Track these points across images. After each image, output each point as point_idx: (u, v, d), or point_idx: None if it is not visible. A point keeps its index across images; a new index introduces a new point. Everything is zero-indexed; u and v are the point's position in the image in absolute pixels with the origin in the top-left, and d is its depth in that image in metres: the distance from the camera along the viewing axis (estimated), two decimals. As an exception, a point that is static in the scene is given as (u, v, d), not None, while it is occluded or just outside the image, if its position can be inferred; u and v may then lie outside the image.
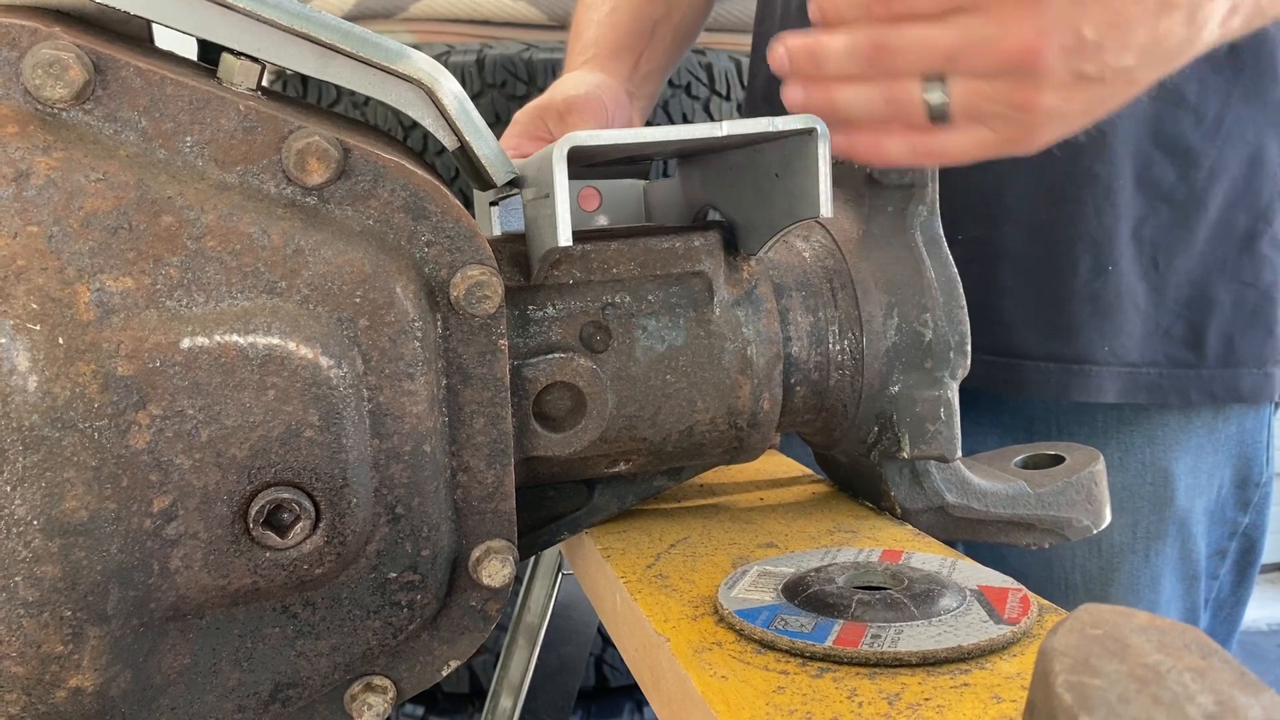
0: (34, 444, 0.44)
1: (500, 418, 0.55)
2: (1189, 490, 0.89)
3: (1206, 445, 0.88)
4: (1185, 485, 0.88)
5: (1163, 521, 0.88)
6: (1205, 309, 0.86)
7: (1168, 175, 0.84)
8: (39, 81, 0.46)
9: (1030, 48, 0.52)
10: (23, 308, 0.44)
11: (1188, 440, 0.88)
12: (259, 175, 0.50)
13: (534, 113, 0.88)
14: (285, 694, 0.54)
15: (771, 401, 0.64)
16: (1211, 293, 0.86)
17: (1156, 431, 0.87)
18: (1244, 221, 0.86)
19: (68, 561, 0.45)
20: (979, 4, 0.53)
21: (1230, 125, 0.84)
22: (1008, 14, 0.52)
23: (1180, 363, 0.86)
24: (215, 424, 0.47)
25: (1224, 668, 0.31)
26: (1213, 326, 0.86)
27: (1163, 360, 0.86)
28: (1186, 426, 0.88)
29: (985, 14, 0.53)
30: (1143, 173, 0.84)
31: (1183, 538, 0.89)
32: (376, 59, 0.53)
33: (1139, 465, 0.88)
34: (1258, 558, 0.94)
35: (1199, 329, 0.86)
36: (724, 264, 0.63)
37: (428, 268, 0.52)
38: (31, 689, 0.46)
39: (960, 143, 0.56)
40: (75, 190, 0.46)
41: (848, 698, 0.44)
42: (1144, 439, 0.88)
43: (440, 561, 0.54)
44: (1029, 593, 0.52)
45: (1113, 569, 0.89)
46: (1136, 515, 0.88)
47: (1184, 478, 0.88)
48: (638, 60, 0.98)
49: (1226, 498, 0.91)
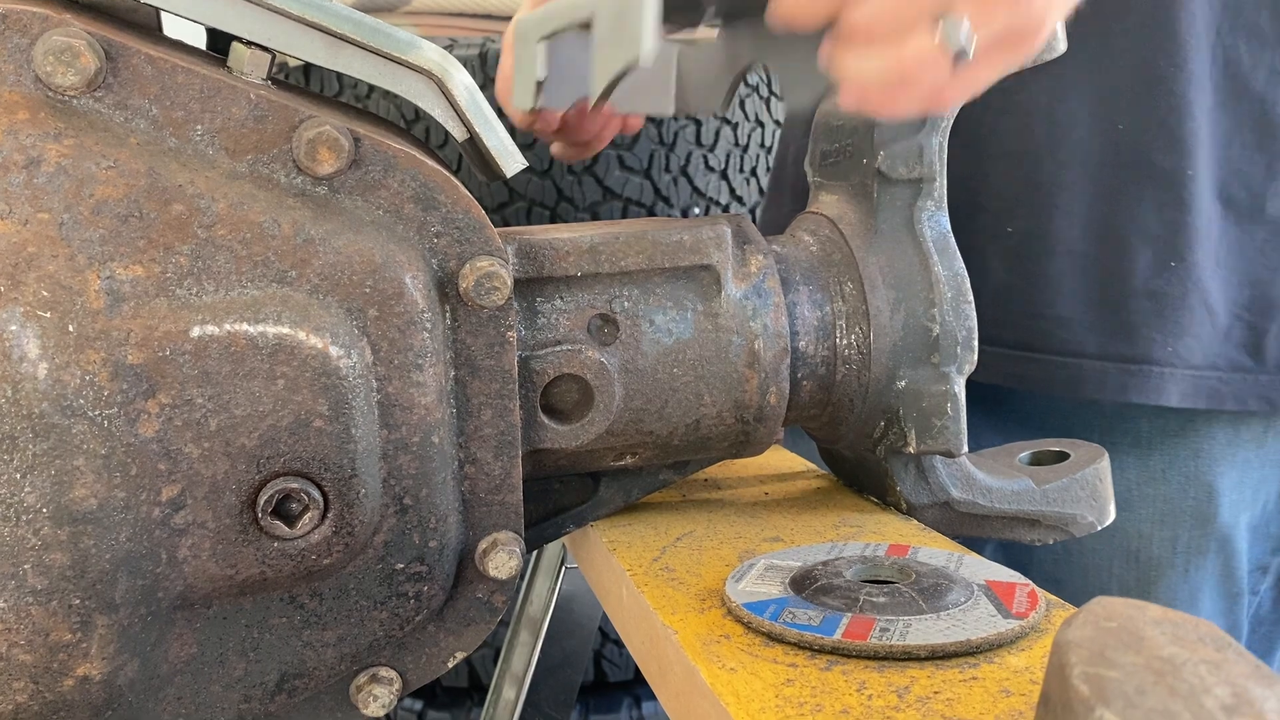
0: (44, 432, 0.44)
1: (508, 410, 0.55)
2: (1233, 505, 0.86)
3: (1254, 460, 0.85)
4: (1230, 501, 0.85)
5: (1205, 537, 0.86)
6: (1265, 311, 0.82)
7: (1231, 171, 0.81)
8: (50, 68, 0.46)
9: None
10: (33, 295, 0.44)
11: (1234, 454, 0.85)
12: (269, 164, 0.49)
13: None
14: (291, 684, 0.54)
15: (778, 395, 0.64)
16: (1272, 294, 0.82)
17: (1203, 445, 0.84)
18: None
19: (76, 549, 0.45)
20: None
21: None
22: None
23: (1238, 367, 0.83)
24: (224, 413, 0.47)
25: (1239, 660, 0.31)
26: (1273, 330, 0.82)
27: (1222, 364, 0.82)
28: (1235, 439, 0.85)
29: None
30: (1209, 167, 0.80)
31: (1225, 554, 0.86)
32: (387, 49, 0.52)
33: (1182, 479, 0.85)
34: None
35: (1259, 332, 0.82)
36: (732, 257, 0.63)
37: (437, 258, 0.52)
38: (39, 677, 0.46)
39: (982, 72, 0.53)
40: (86, 178, 0.46)
41: (857, 690, 0.44)
42: (1189, 452, 0.85)
43: (447, 553, 0.54)
44: (1036, 587, 0.52)
45: (1150, 582, 0.86)
46: (1178, 529, 0.85)
47: (1228, 493, 0.85)
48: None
49: (1272, 513, 0.88)
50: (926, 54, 0.51)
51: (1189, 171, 0.80)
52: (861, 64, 0.53)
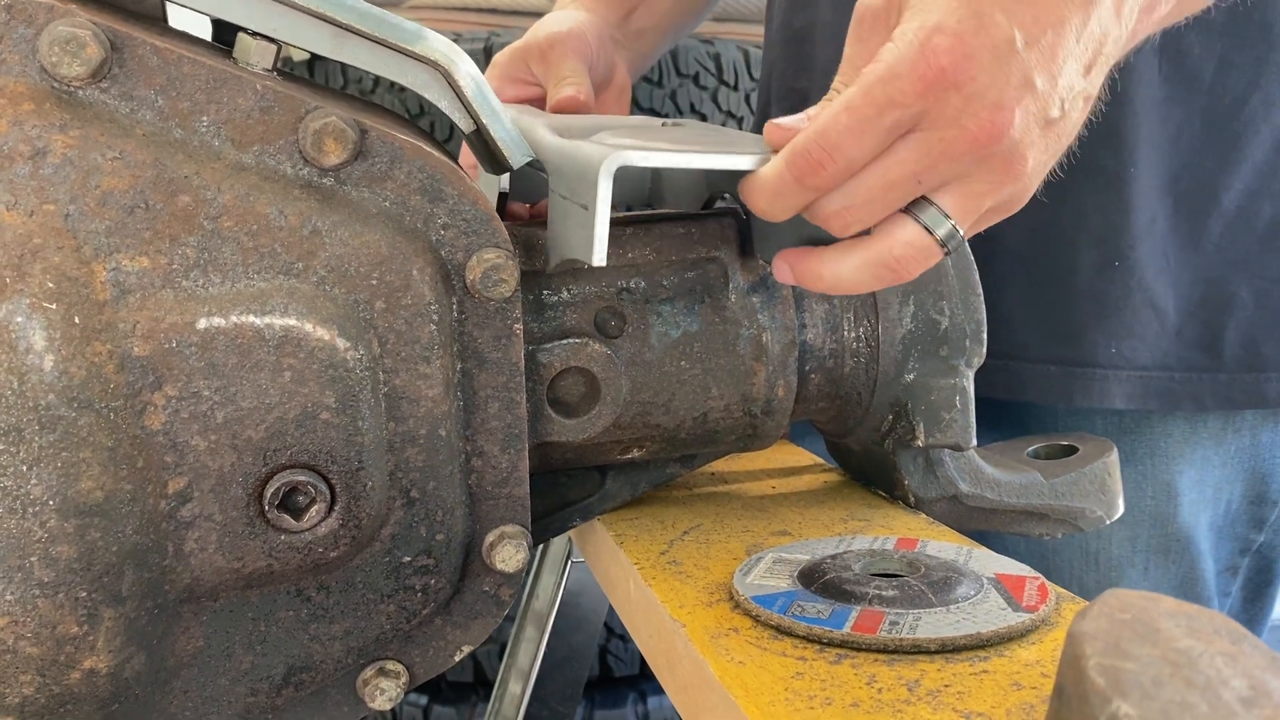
0: (50, 424, 0.43)
1: (515, 402, 0.55)
2: (1193, 504, 0.84)
3: (1214, 458, 0.84)
4: (1189, 499, 0.84)
5: (1164, 536, 0.84)
6: (1222, 308, 0.81)
7: (1181, 164, 0.80)
8: (56, 59, 0.45)
9: (995, 123, 0.47)
10: (39, 286, 0.44)
11: (1193, 452, 0.84)
12: (275, 155, 0.49)
13: (514, 54, 0.83)
14: (298, 677, 0.53)
15: (786, 388, 0.63)
16: (1230, 291, 0.81)
17: (1159, 442, 0.83)
18: (1269, 212, 0.80)
19: (83, 542, 0.44)
20: (916, 115, 0.47)
21: (1256, 106, 0.79)
22: (949, 106, 0.47)
23: (1193, 366, 0.81)
24: (231, 405, 0.47)
25: (1255, 652, 0.30)
26: (1231, 327, 0.81)
27: (1174, 364, 0.81)
28: (1192, 437, 0.83)
29: (928, 119, 0.47)
30: (1155, 163, 0.79)
31: (1187, 554, 0.85)
32: (393, 40, 0.52)
33: (1139, 477, 0.84)
34: (1276, 578, 0.89)
35: (1215, 329, 0.81)
36: (739, 250, 0.62)
37: (444, 250, 0.52)
38: (46, 670, 0.45)
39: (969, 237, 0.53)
40: (92, 169, 0.46)
41: (867, 684, 0.44)
42: (1146, 450, 0.84)
43: (454, 546, 0.54)
44: (1046, 581, 0.52)
45: (1110, 582, 0.85)
46: (1136, 528, 0.84)
47: (1188, 491, 0.84)
48: (631, 11, 0.92)
49: (1238, 514, 0.86)
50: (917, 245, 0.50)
51: (1130, 170, 0.79)
52: (840, 266, 0.52)
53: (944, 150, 0.48)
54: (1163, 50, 0.78)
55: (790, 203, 0.50)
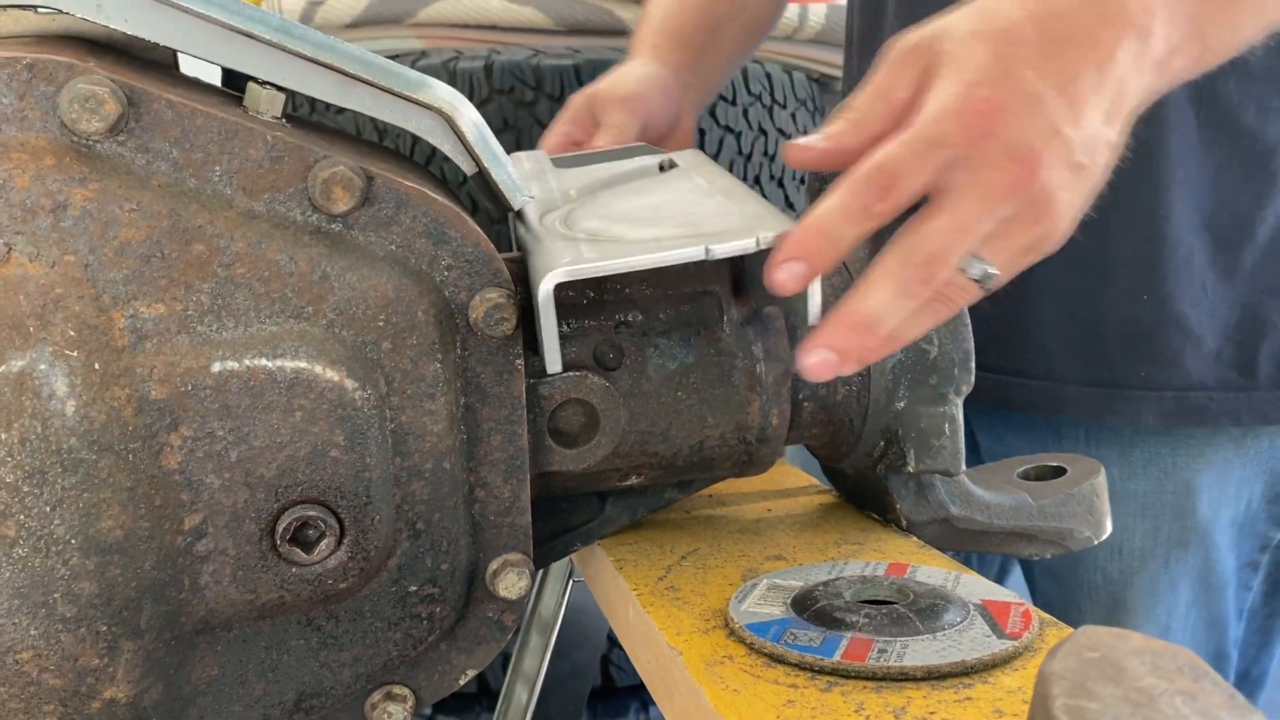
0: (72, 466, 0.45)
1: (517, 435, 0.57)
2: (1212, 501, 0.89)
3: (1234, 459, 0.89)
4: (1209, 496, 0.89)
5: (1184, 530, 0.90)
6: (1256, 331, 0.86)
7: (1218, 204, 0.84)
8: (75, 115, 0.47)
9: (1025, 170, 0.51)
10: (61, 335, 0.46)
11: (1213, 454, 0.89)
12: (286, 203, 0.51)
13: (586, 101, 0.91)
14: (309, 703, 0.55)
15: (780, 417, 0.65)
16: (1263, 315, 0.86)
17: (1180, 444, 0.89)
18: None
19: (104, 578, 0.46)
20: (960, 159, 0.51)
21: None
22: (983, 159, 0.51)
23: (1229, 385, 0.87)
24: (244, 444, 0.49)
25: (1214, 690, 0.32)
26: (1264, 349, 0.86)
27: (1211, 383, 0.87)
28: (1213, 440, 0.89)
29: (971, 163, 0.51)
30: (1191, 203, 0.84)
31: (1205, 547, 0.90)
32: (398, 88, 0.54)
33: (1160, 473, 0.89)
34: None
35: (1249, 351, 0.86)
36: (733, 284, 0.64)
37: (448, 290, 0.54)
38: (68, 700, 0.47)
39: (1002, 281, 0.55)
40: (110, 220, 0.48)
41: (855, 711, 0.46)
42: (1168, 449, 0.89)
43: (459, 575, 0.56)
44: (1030, 607, 0.54)
45: (1133, 572, 0.91)
46: (1158, 521, 0.90)
47: (1208, 489, 0.89)
48: (701, 54, 0.99)
49: (1257, 512, 0.91)
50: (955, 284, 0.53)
51: (1162, 210, 0.84)
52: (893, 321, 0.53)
53: (986, 191, 0.52)
54: (1199, 96, 0.83)
55: (853, 232, 0.53)
